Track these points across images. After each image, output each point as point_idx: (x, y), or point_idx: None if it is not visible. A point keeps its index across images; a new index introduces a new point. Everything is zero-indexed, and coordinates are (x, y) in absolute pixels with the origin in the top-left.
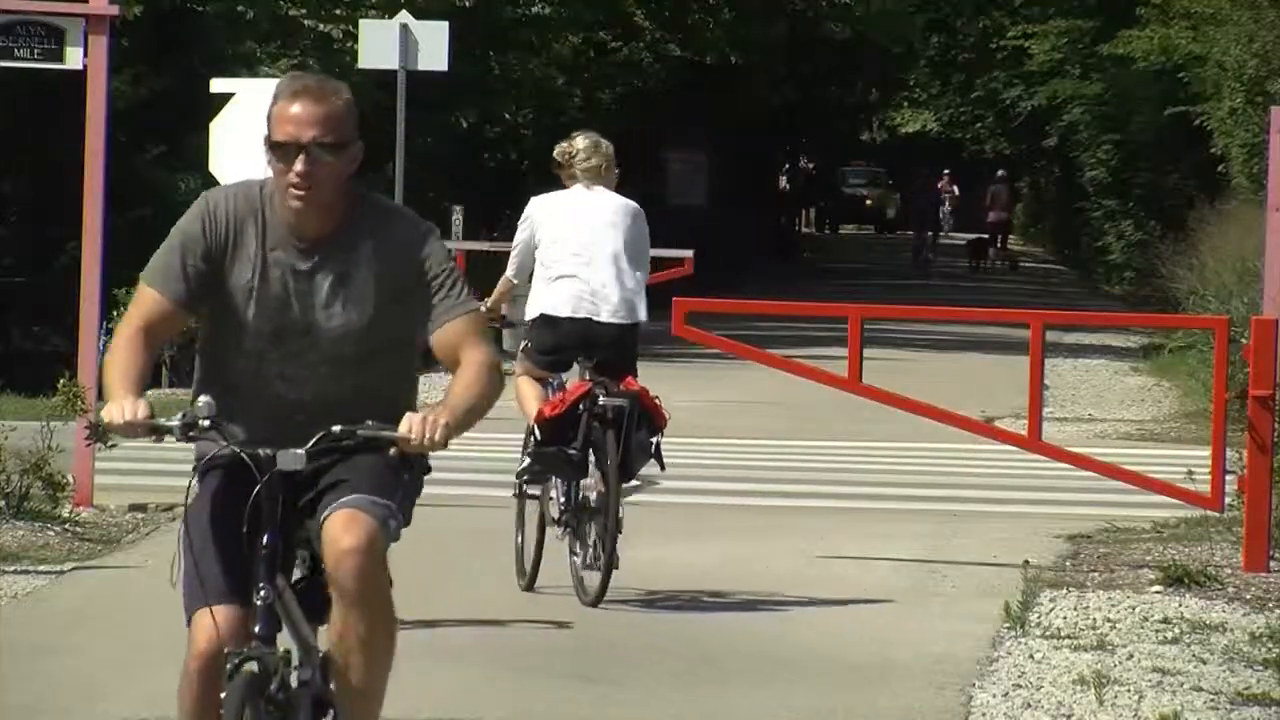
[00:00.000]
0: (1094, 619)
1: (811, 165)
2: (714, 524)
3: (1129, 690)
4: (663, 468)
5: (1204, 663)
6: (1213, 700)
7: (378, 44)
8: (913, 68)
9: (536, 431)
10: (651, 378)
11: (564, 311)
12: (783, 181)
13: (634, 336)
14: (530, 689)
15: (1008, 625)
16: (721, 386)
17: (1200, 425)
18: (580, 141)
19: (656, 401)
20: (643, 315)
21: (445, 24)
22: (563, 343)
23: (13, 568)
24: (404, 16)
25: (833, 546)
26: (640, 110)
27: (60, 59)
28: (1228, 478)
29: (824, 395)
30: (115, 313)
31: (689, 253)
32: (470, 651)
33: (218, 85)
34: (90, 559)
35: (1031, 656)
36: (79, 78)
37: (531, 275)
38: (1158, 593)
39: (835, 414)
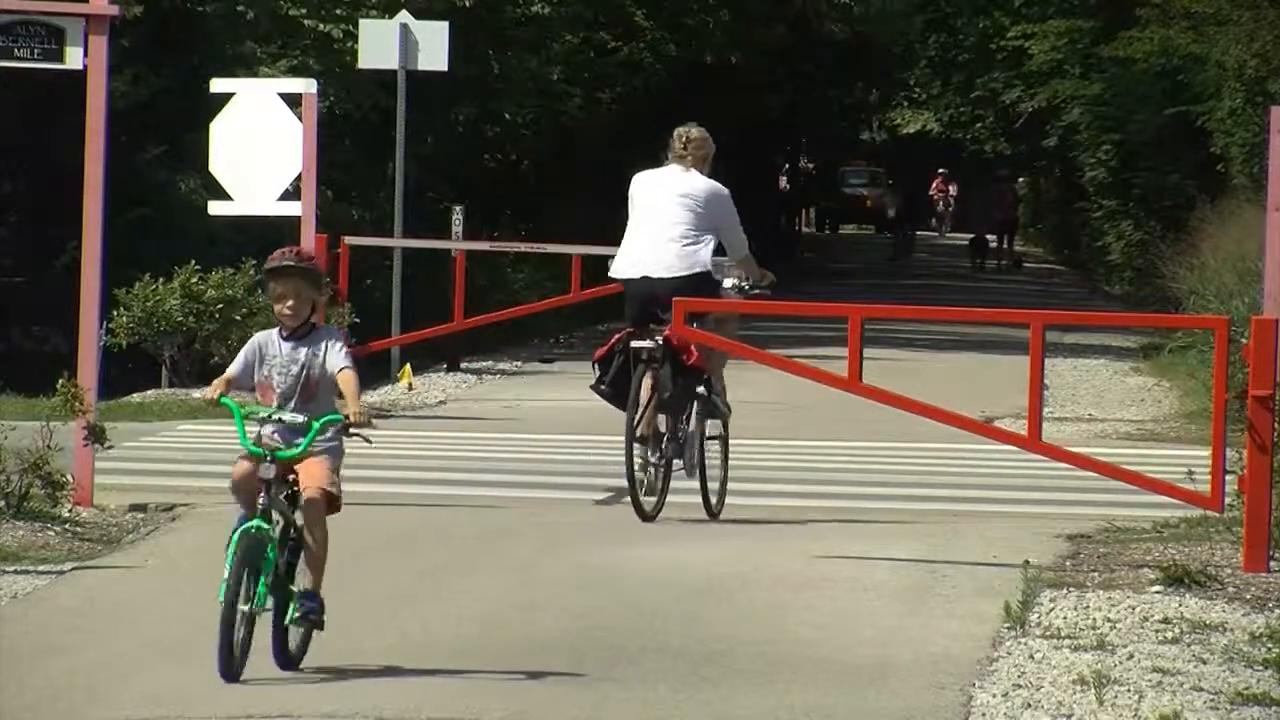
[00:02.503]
0: (1094, 619)
1: (811, 165)
2: (714, 524)
3: (1129, 690)
4: (705, 401)
5: (1204, 663)
6: (1213, 700)
7: (378, 44)
8: (913, 68)
9: (594, 368)
10: None
11: (625, 272)
12: (783, 181)
13: (692, 289)
14: (530, 689)
15: (1008, 625)
16: None
17: (1200, 425)
18: (691, 132)
19: (691, 347)
20: (698, 269)
21: (445, 24)
22: (632, 297)
23: (13, 568)
24: (404, 16)
25: (833, 546)
26: (640, 110)
27: (60, 59)
28: (1228, 478)
29: (824, 395)
30: (115, 312)
31: None
32: (470, 651)
33: (218, 85)
34: (90, 559)
35: (1031, 656)
36: (79, 78)
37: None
38: (1158, 593)
39: (835, 414)
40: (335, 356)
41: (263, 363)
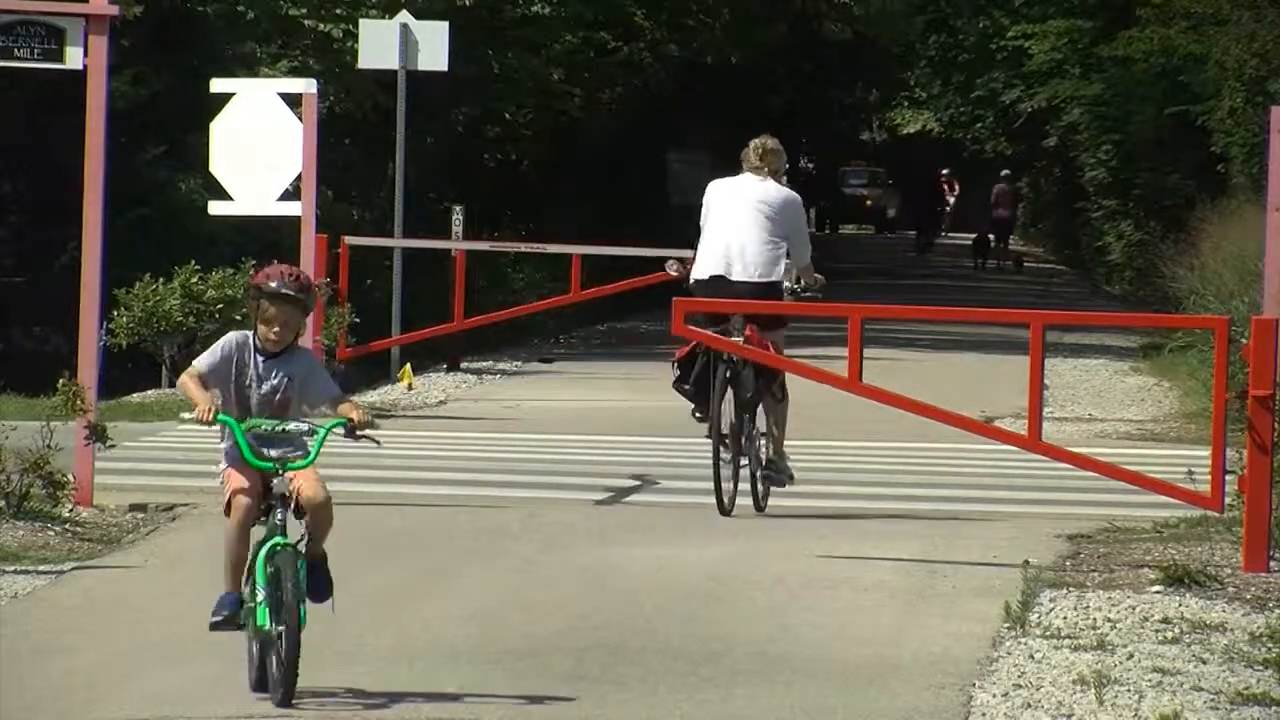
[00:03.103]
0: (1094, 619)
1: (811, 165)
2: (714, 524)
3: (1129, 690)
4: (778, 399)
5: (1204, 663)
6: (1213, 700)
7: (378, 44)
8: (913, 68)
9: (675, 368)
10: (653, 378)
11: (707, 271)
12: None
13: (765, 294)
14: (530, 689)
15: (1008, 625)
16: None
17: (1200, 425)
18: (768, 143)
19: (770, 347)
20: (774, 278)
21: (445, 24)
22: (707, 296)
23: (13, 568)
24: (404, 16)
25: (833, 546)
26: (640, 110)
27: (60, 59)
28: (1228, 478)
29: (824, 395)
30: (115, 313)
31: (690, 253)
32: (470, 651)
33: (218, 85)
34: (90, 559)
35: (1031, 656)
36: (79, 77)
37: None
38: (1158, 593)
39: (835, 414)
40: (327, 389)
41: (235, 371)
